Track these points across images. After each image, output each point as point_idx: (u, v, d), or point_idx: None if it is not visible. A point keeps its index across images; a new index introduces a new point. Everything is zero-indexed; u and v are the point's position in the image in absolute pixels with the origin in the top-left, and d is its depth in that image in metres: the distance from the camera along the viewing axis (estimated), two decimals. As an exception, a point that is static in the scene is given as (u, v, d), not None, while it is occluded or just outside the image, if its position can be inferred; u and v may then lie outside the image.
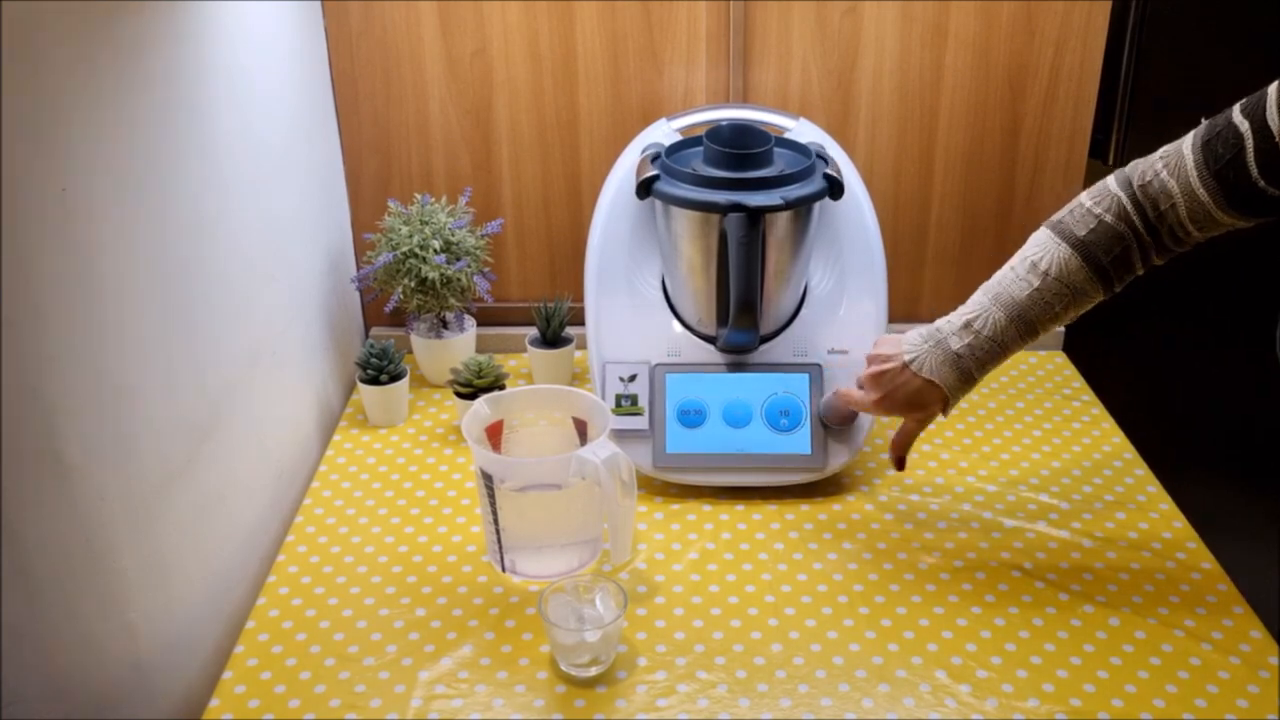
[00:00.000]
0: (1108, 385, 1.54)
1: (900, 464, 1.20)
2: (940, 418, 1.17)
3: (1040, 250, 1.08)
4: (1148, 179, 1.03)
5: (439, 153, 1.54)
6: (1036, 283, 1.08)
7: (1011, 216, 1.57)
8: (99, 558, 0.89)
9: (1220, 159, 0.98)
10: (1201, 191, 0.99)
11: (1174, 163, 1.01)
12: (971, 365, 1.11)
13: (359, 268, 1.55)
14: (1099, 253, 1.05)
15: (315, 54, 1.44)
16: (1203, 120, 1.02)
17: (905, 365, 1.13)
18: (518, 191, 1.56)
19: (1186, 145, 1.01)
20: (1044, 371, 1.55)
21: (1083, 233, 1.05)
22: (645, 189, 1.25)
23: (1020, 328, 1.10)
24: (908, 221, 1.57)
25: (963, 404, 1.46)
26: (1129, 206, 1.03)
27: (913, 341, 1.14)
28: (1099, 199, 1.05)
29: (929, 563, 1.17)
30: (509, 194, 1.56)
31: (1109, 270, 1.05)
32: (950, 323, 1.13)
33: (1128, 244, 1.04)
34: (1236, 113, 0.98)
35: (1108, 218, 1.04)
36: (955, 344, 1.11)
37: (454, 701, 1.00)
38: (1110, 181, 1.06)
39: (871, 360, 1.17)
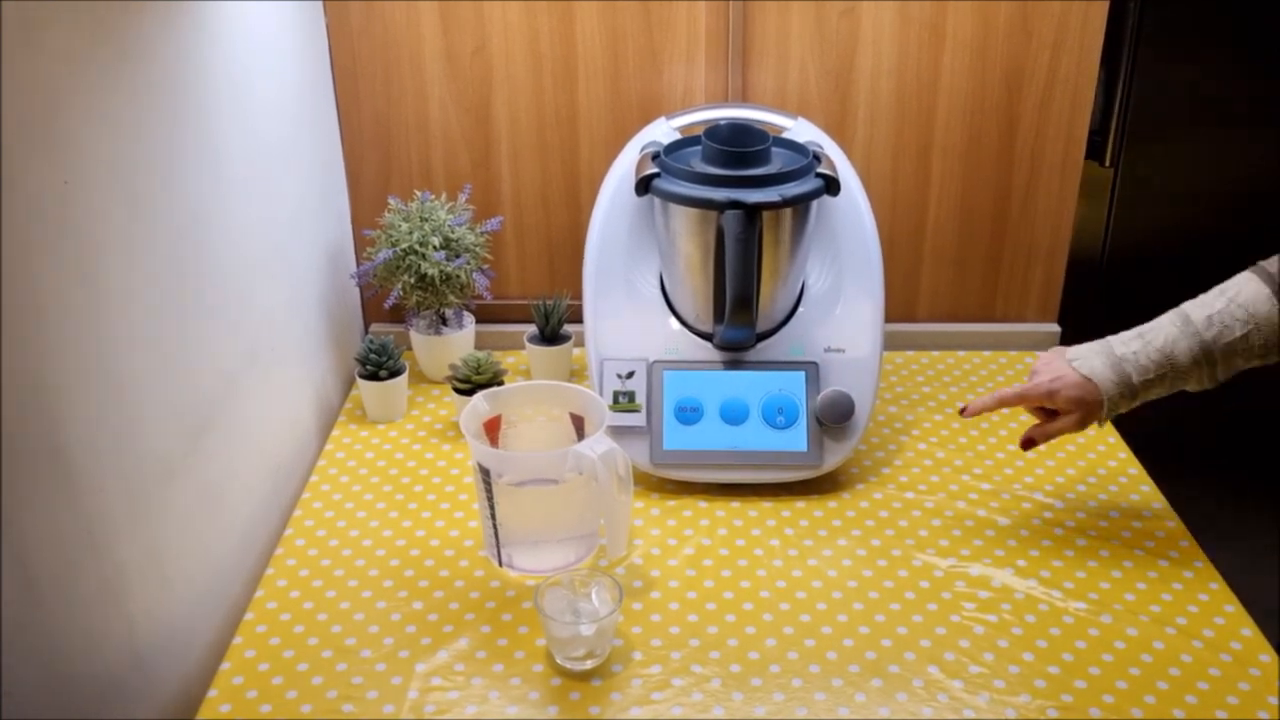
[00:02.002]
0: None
1: (1027, 445, 1.19)
2: (1098, 426, 1.16)
3: (1233, 282, 1.09)
4: None
5: (439, 150, 1.55)
6: (1219, 306, 1.08)
7: (1008, 217, 1.58)
8: (98, 550, 0.89)
9: None
10: None
11: None
12: (1133, 371, 1.10)
13: (359, 264, 1.56)
14: None
15: (316, 52, 1.45)
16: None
17: (1069, 361, 1.13)
18: (517, 189, 1.57)
19: None
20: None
21: (1274, 269, 1.06)
22: (644, 186, 1.26)
23: (1194, 346, 1.08)
24: (905, 221, 1.58)
25: (957, 403, 1.47)
26: None
27: (1080, 347, 1.15)
28: None
29: (923, 560, 1.18)
30: (508, 191, 1.57)
31: None
32: (1124, 334, 1.13)
33: None
34: None
35: None
36: (1120, 349, 1.12)
37: (450, 694, 1.00)
38: None
39: (1039, 357, 1.18)
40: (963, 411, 1.22)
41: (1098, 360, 1.12)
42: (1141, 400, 1.13)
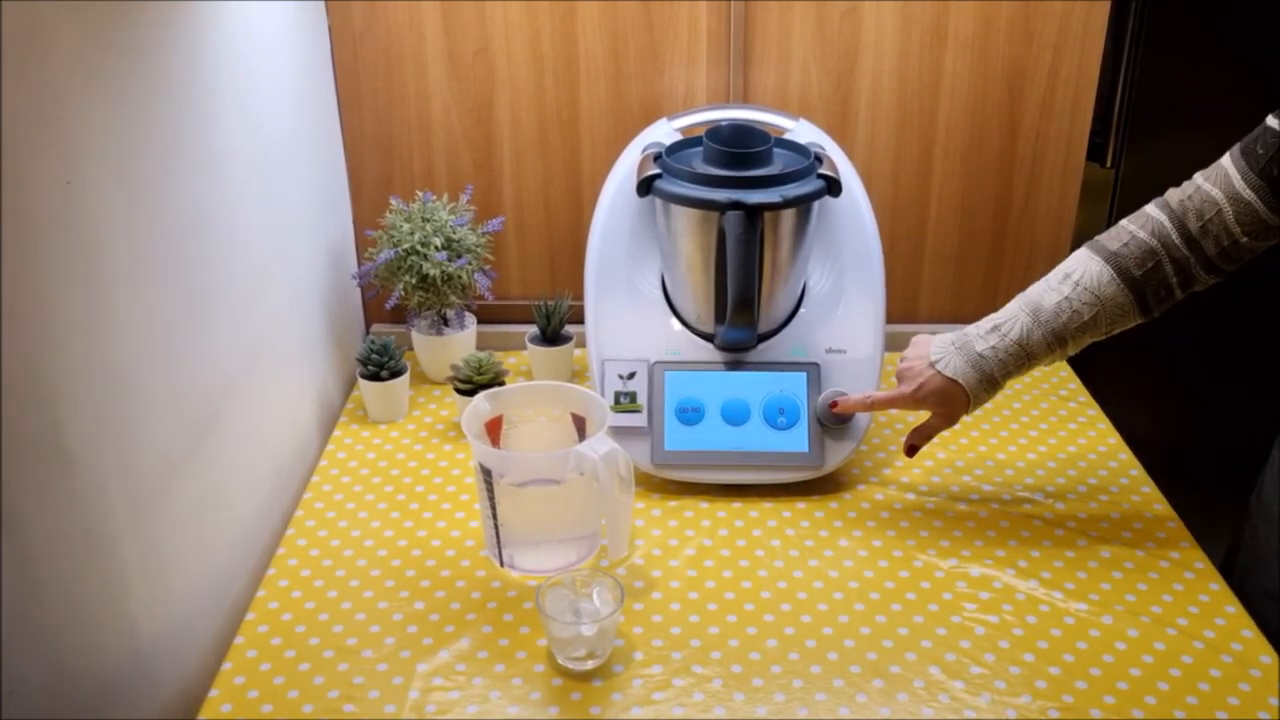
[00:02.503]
0: (1102, 385, 1.55)
1: (911, 451, 1.23)
2: (965, 418, 1.19)
3: (1074, 263, 1.13)
4: (1188, 194, 1.08)
5: (441, 151, 1.55)
6: (1067, 291, 1.11)
7: (1009, 218, 1.58)
8: (100, 548, 0.89)
9: (1261, 159, 1.03)
10: (1247, 192, 1.04)
11: (1215, 174, 1.07)
12: (994, 367, 1.14)
13: (360, 264, 1.56)
14: (1130, 265, 1.09)
15: (318, 52, 1.45)
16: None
17: (931, 364, 1.16)
18: (519, 190, 1.57)
19: (1225, 158, 1.07)
20: (1039, 372, 1.56)
21: (1115, 247, 1.10)
22: (646, 187, 1.26)
23: (1047, 335, 1.12)
24: (906, 222, 1.58)
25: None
26: (1166, 224, 1.08)
27: (941, 342, 1.17)
28: (1136, 219, 1.11)
29: (924, 560, 1.18)
30: (510, 192, 1.57)
31: (1142, 285, 1.09)
32: (979, 327, 1.16)
33: (1160, 259, 1.08)
34: (1272, 119, 1.04)
35: (1141, 234, 1.09)
36: (980, 346, 1.14)
37: (451, 694, 1.00)
38: (1149, 206, 1.11)
39: (903, 357, 1.21)
40: (832, 406, 1.26)
41: (959, 360, 1.15)
42: (1001, 388, 1.17)
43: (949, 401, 1.16)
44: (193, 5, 1.05)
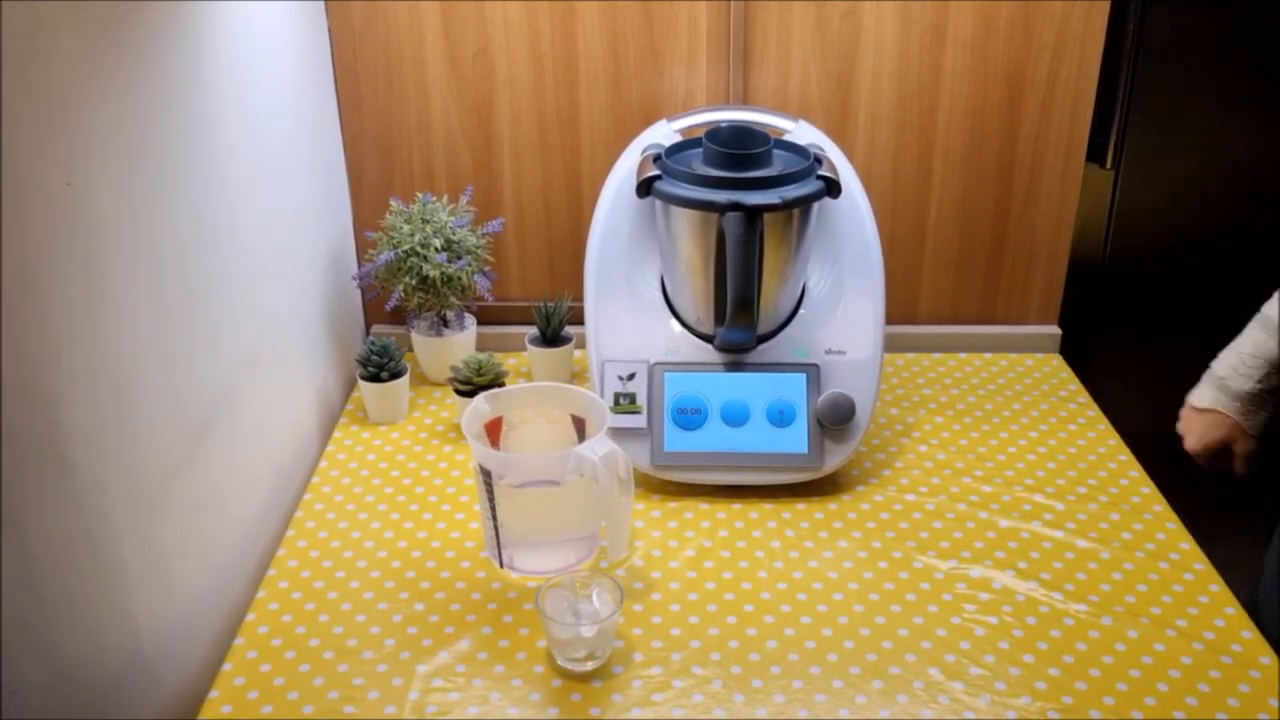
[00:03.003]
0: (1103, 387, 1.55)
1: (1243, 477, 1.29)
2: (1250, 430, 1.26)
3: None
4: None
5: (440, 152, 1.55)
6: None
7: (1009, 219, 1.58)
8: (100, 550, 0.89)
9: None
10: None
11: None
12: (1238, 383, 1.20)
13: (360, 265, 1.56)
14: None
15: (318, 53, 1.45)
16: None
17: (1191, 406, 1.24)
18: (518, 191, 1.57)
19: None
20: (1040, 374, 1.56)
21: None
22: (645, 188, 1.26)
23: None
24: (906, 223, 1.58)
25: (958, 405, 1.47)
26: None
27: (1198, 386, 1.25)
28: None
29: (924, 561, 1.18)
30: (510, 193, 1.57)
31: None
32: (1221, 354, 1.23)
33: None
34: None
35: None
36: (1220, 369, 1.22)
37: (451, 695, 1.00)
38: None
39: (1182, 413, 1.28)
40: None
41: (1207, 391, 1.23)
42: (1269, 402, 1.21)
43: (1222, 429, 1.22)
44: (193, 5, 1.05)
